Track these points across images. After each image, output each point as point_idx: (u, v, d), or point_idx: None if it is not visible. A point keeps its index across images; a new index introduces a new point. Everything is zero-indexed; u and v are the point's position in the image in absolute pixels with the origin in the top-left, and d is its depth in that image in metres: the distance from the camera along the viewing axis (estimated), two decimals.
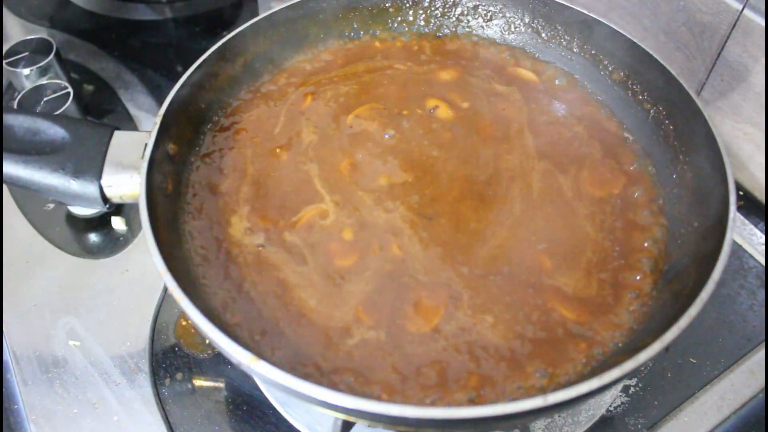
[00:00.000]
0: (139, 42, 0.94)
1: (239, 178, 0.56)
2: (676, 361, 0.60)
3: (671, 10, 0.73)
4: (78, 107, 0.78)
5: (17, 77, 0.79)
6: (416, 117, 0.61)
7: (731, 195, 0.47)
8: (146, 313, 0.64)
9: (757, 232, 0.70)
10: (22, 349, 0.62)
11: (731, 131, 0.73)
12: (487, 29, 0.69)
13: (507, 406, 0.37)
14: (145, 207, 0.46)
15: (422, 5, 0.70)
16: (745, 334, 0.62)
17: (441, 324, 0.47)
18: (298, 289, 0.49)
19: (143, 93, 0.87)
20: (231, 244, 0.51)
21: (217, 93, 0.60)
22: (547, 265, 0.50)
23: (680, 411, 0.58)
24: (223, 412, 0.58)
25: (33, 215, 0.72)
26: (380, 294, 0.48)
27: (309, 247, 0.51)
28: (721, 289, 0.65)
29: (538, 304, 0.48)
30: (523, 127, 0.60)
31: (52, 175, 0.49)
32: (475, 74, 0.66)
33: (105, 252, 0.69)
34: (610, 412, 0.58)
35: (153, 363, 0.60)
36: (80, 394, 0.58)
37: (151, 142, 0.49)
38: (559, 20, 0.65)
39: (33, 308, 0.64)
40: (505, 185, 0.55)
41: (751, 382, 0.59)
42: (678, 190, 0.54)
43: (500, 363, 0.45)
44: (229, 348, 0.39)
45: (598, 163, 0.58)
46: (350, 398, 0.37)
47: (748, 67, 0.68)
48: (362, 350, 0.45)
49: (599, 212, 0.54)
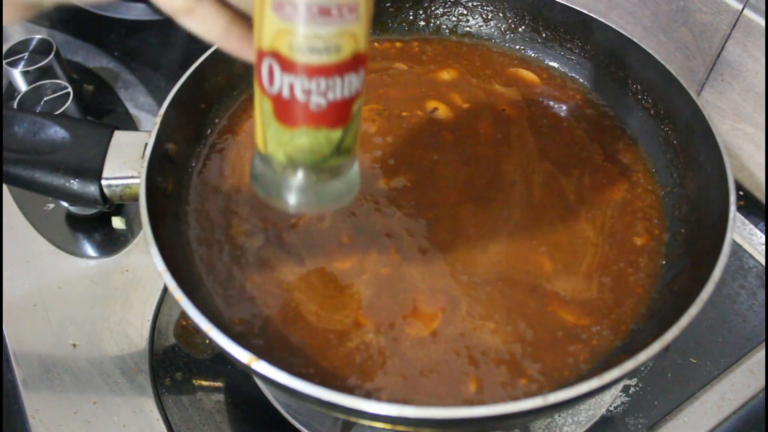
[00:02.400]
0: (139, 42, 0.94)
1: (239, 179, 0.56)
2: (676, 361, 0.60)
3: (671, 10, 0.73)
4: (78, 107, 0.78)
5: (17, 77, 0.79)
6: (416, 118, 0.61)
7: (731, 195, 0.47)
8: (146, 313, 0.64)
9: (757, 232, 0.70)
10: (22, 349, 0.62)
11: (731, 131, 0.73)
12: (487, 29, 0.69)
13: (507, 406, 0.37)
14: (145, 207, 0.46)
15: (422, 5, 0.70)
16: (745, 334, 0.62)
17: (440, 328, 0.47)
18: (297, 290, 0.49)
19: (143, 93, 0.87)
20: (231, 245, 0.51)
21: (217, 93, 0.60)
22: (548, 269, 0.50)
23: (680, 411, 0.58)
24: (223, 412, 0.58)
25: (33, 215, 0.72)
26: (379, 298, 0.48)
27: (307, 249, 0.51)
28: (721, 289, 0.65)
29: (538, 307, 0.48)
30: (523, 128, 0.60)
31: (52, 175, 0.49)
32: (475, 75, 0.66)
33: (105, 252, 0.69)
34: (610, 412, 0.58)
35: (153, 363, 0.60)
36: (80, 394, 0.58)
37: (151, 142, 0.49)
38: (559, 20, 0.65)
39: (33, 308, 0.64)
40: (506, 188, 0.55)
41: (751, 382, 0.59)
42: (678, 190, 0.55)
43: (500, 365, 0.45)
44: (229, 348, 0.39)
45: (598, 164, 0.58)
46: (350, 398, 0.37)
47: (748, 67, 0.68)
48: (362, 352, 0.45)
49: (600, 214, 0.54)
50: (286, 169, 0.38)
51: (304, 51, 0.33)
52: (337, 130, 0.36)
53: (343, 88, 0.35)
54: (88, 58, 0.91)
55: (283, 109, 0.35)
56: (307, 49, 0.33)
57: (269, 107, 0.36)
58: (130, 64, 0.90)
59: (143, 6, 0.97)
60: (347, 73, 0.34)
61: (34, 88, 0.76)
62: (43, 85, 0.76)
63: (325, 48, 0.33)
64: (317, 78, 0.34)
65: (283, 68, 0.34)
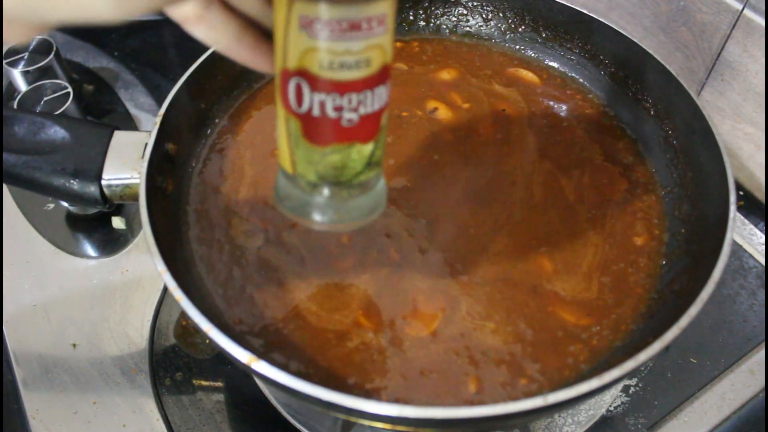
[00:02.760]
0: (139, 42, 0.94)
1: (239, 179, 0.56)
2: (676, 361, 0.60)
3: (671, 10, 0.73)
4: (78, 107, 0.78)
5: (17, 77, 0.79)
6: (416, 118, 0.61)
7: (731, 195, 0.47)
8: (146, 313, 0.64)
9: (757, 232, 0.70)
10: (22, 349, 0.62)
11: (731, 131, 0.73)
12: (487, 29, 0.69)
13: (507, 406, 0.37)
14: (145, 207, 0.46)
15: (422, 5, 0.70)
16: (745, 334, 0.62)
17: (440, 328, 0.47)
18: (297, 290, 0.49)
19: (143, 93, 0.87)
20: (231, 245, 0.51)
21: (217, 93, 0.60)
22: (548, 269, 0.50)
23: (680, 411, 0.58)
24: (223, 412, 0.58)
25: (33, 215, 0.72)
26: (379, 298, 0.48)
27: (307, 249, 0.51)
28: (721, 289, 0.65)
29: (538, 307, 0.48)
30: (523, 128, 0.60)
31: (52, 175, 0.49)
32: (475, 75, 0.66)
33: (105, 252, 0.69)
34: (610, 412, 0.58)
35: (153, 363, 0.60)
36: (80, 394, 0.58)
37: (151, 142, 0.49)
38: (559, 20, 0.65)
39: (33, 308, 0.64)
40: (506, 188, 0.55)
41: (751, 382, 0.59)
42: (678, 190, 0.55)
43: (500, 365, 0.45)
44: (229, 348, 0.39)
45: (598, 164, 0.58)
46: (350, 398, 0.37)
47: (748, 67, 0.68)
48: (362, 352, 0.45)
49: (600, 214, 0.54)
50: (316, 188, 0.38)
51: (336, 68, 0.32)
52: (369, 143, 0.36)
53: (374, 101, 0.34)
54: (88, 58, 0.92)
55: (314, 128, 0.34)
56: (339, 65, 0.32)
57: (297, 127, 0.35)
58: (130, 64, 0.90)
59: None
60: (377, 86, 0.34)
61: (34, 88, 0.76)
62: (43, 85, 0.76)
63: (356, 63, 0.32)
64: (349, 94, 0.33)
65: (313, 87, 0.33)
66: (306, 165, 0.36)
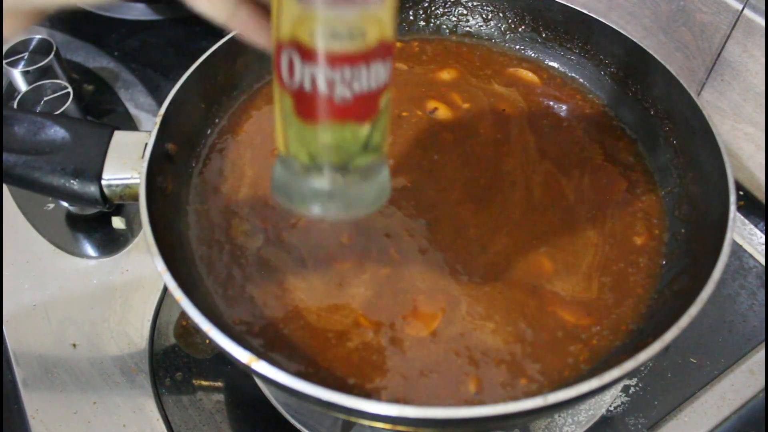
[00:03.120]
0: (139, 42, 0.94)
1: (239, 179, 0.56)
2: (676, 361, 0.60)
3: (671, 10, 0.73)
4: (78, 107, 0.78)
5: (17, 77, 0.79)
6: (416, 118, 0.61)
7: (731, 195, 0.47)
8: (146, 313, 0.64)
9: (757, 232, 0.70)
10: (22, 349, 0.62)
11: (731, 131, 0.73)
12: (487, 29, 0.69)
13: (507, 406, 0.37)
14: (145, 207, 0.46)
15: (422, 5, 0.70)
16: (745, 334, 0.62)
17: (440, 328, 0.47)
18: (297, 290, 0.49)
19: (143, 93, 0.87)
20: (231, 245, 0.51)
21: (217, 93, 0.60)
22: (548, 269, 0.50)
23: (680, 411, 0.58)
24: (223, 412, 0.58)
25: (33, 215, 0.72)
26: (379, 298, 0.48)
27: (307, 249, 0.51)
28: (721, 289, 0.65)
29: (538, 307, 0.48)
30: (523, 128, 0.60)
31: (52, 175, 0.49)
32: (475, 75, 0.66)
33: (105, 252, 0.69)
34: (610, 412, 0.58)
35: (153, 363, 0.60)
36: (80, 394, 0.58)
37: (151, 142, 0.49)
38: (559, 20, 0.65)
39: (33, 308, 0.64)
40: (506, 188, 0.55)
41: (751, 382, 0.59)
42: (678, 190, 0.55)
43: (500, 365, 0.45)
44: (229, 348, 0.39)
45: (598, 164, 0.58)
46: (350, 398, 0.37)
47: (748, 67, 0.68)
48: (362, 352, 0.45)
49: (600, 214, 0.54)
50: (310, 171, 0.36)
51: (327, 37, 0.31)
52: (364, 124, 0.34)
53: (370, 78, 0.33)
54: (88, 58, 0.91)
55: (305, 104, 0.33)
56: (330, 34, 0.31)
57: (289, 103, 0.34)
58: (130, 64, 0.90)
59: (143, 6, 0.97)
60: (373, 62, 0.32)
61: (34, 88, 0.76)
62: (43, 85, 0.76)
63: (349, 33, 0.31)
64: (341, 67, 0.32)
65: (304, 58, 0.32)
66: (298, 144, 0.35)
